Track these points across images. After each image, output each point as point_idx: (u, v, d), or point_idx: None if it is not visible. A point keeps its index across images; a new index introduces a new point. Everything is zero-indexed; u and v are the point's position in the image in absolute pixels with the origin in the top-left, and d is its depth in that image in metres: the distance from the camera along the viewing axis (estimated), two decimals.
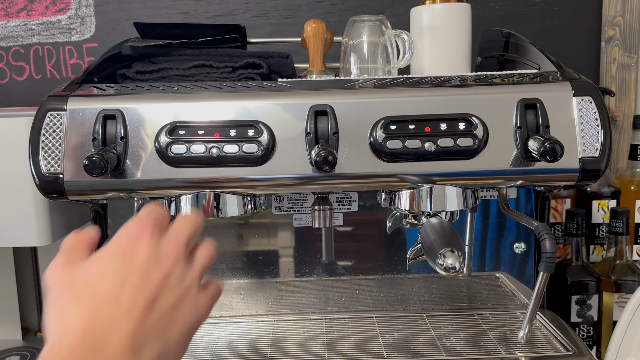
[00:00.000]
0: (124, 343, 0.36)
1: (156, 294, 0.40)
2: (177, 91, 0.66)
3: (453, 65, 0.82)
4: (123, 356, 0.36)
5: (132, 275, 0.40)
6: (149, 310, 0.39)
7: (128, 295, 0.39)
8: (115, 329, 0.37)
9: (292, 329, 0.78)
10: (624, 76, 1.07)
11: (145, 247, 0.41)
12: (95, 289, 0.39)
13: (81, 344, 0.36)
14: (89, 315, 0.37)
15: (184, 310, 0.41)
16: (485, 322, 0.78)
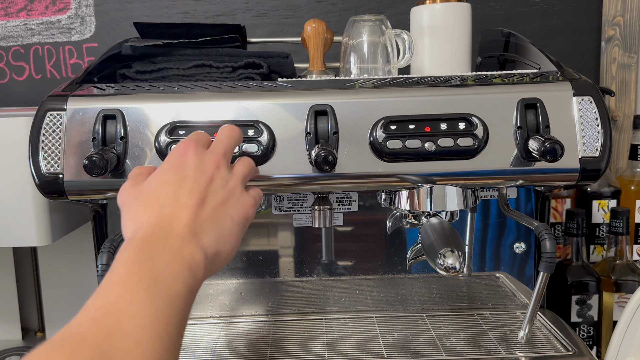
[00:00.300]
0: (185, 229, 0.45)
1: (205, 193, 0.48)
2: (177, 91, 0.66)
3: (453, 65, 0.82)
4: (185, 238, 0.44)
5: (184, 180, 0.48)
6: (202, 205, 0.47)
7: (183, 195, 0.47)
8: (177, 219, 0.45)
9: (292, 329, 0.78)
10: (624, 76, 1.07)
11: (191, 159, 0.50)
12: (157, 195, 0.48)
13: (152, 231, 0.44)
14: (155, 213, 0.46)
15: (231, 206, 0.49)
16: (486, 322, 0.78)
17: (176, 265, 0.42)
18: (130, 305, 0.38)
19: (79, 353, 0.34)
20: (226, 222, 0.48)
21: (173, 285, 0.41)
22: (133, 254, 0.42)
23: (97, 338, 0.35)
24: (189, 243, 0.44)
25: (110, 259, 0.64)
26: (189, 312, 0.42)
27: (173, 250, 0.43)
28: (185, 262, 0.43)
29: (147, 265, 0.41)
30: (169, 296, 0.40)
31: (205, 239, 0.46)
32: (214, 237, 0.47)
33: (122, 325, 0.36)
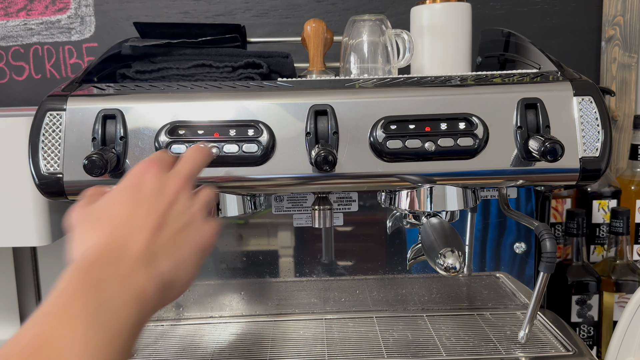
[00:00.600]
0: (139, 254, 0.41)
1: (164, 217, 0.45)
2: (177, 91, 0.66)
3: (453, 65, 0.82)
4: (138, 264, 0.41)
5: (142, 202, 0.45)
6: (160, 229, 0.44)
7: (140, 217, 0.44)
8: (131, 242, 0.42)
9: (292, 329, 0.78)
10: (625, 76, 1.07)
11: (151, 180, 0.47)
12: (110, 215, 0.44)
13: (100, 255, 0.40)
14: (107, 234, 0.42)
15: (191, 234, 0.46)
16: (486, 322, 0.78)
17: (124, 295, 0.38)
18: (66, 340, 0.34)
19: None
20: (183, 251, 0.45)
21: (118, 319, 0.37)
22: (76, 279, 0.38)
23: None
24: (142, 270, 0.40)
25: None
26: (133, 347, 0.39)
27: (123, 277, 0.39)
28: (135, 292, 0.39)
29: (91, 293, 0.37)
30: (112, 331, 0.36)
31: (161, 266, 0.42)
32: (171, 265, 0.43)
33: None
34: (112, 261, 0.40)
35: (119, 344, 0.36)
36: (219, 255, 0.82)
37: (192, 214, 0.47)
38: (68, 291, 0.37)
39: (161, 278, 0.42)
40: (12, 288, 0.99)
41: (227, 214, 0.65)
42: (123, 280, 0.39)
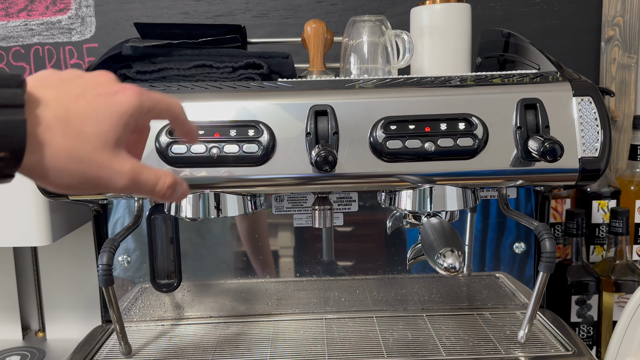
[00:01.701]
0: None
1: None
2: (177, 91, 0.66)
3: (453, 65, 0.83)
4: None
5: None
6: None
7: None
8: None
9: (292, 329, 0.78)
10: (624, 76, 1.07)
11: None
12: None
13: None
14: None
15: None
16: (485, 322, 0.78)
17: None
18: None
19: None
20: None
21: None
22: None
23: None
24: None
25: (110, 259, 0.65)
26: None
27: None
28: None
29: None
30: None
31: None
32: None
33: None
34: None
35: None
36: (219, 255, 0.82)
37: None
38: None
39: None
40: (12, 288, 0.99)
41: (227, 213, 0.66)
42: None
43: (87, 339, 0.76)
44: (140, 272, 0.81)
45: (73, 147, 0.39)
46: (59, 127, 0.38)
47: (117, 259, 0.80)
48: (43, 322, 1.03)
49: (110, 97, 0.41)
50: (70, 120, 0.39)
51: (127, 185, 0.41)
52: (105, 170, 0.40)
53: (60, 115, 0.38)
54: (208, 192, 0.65)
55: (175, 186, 0.44)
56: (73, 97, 0.40)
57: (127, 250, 0.81)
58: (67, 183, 0.39)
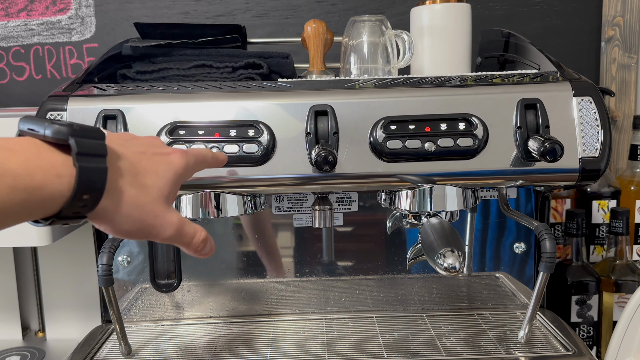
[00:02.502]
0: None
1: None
2: (177, 91, 0.66)
3: (453, 65, 0.82)
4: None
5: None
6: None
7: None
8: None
9: (292, 329, 0.78)
10: (624, 76, 1.07)
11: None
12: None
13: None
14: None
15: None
16: (485, 322, 0.78)
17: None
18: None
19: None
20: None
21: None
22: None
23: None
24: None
25: (110, 259, 0.65)
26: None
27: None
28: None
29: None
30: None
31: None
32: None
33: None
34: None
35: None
36: (219, 255, 0.82)
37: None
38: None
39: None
40: (12, 288, 0.99)
41: (227, 214, 0.66)
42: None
43: (87, 339, 0.76)
44: (140, 272, 0.81)
45: (137, 197, 0.44)
46: (129, 178, 0.44)
47: (117, 259, 0.80)
48: (43, 322, 1.02)
49: (165, 157, 0.47)
50: (136, 173, 0.44)
51: (172, 235, 0.47)
52: (159, 219, 0.45)
53: (129, 168, 0.44)
54: (208, 192, 0.65)
55: (207, 241, 0.50)
56: (137, 153, 0.46)
57: (127, 250, 0.81)
58: (127, 229, 0.44)
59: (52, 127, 0.40)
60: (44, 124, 0.40)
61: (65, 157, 0.39)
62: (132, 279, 0.81)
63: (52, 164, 0.38)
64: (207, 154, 0.54)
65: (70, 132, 0.39)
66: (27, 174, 0.37)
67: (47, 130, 0.40)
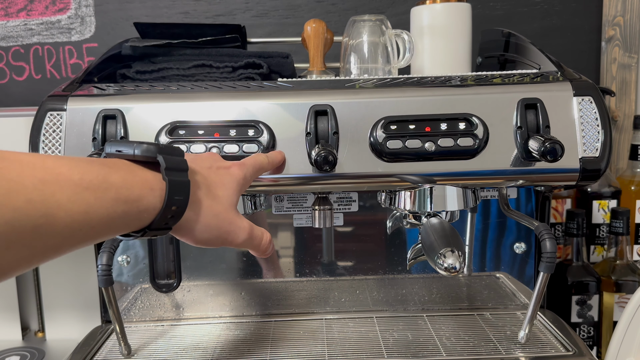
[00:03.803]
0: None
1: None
2: (177, 91, 0.66)
3: (453, 65, 0.82)
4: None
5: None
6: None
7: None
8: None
9: (292, 329, 0.78)
10: (625, 76, 1.07)
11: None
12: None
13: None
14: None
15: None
16: (486, 322, 0.78)
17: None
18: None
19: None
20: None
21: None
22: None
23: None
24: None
25: (110, 258, 0.64)
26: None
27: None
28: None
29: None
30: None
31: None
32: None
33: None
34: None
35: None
36: (219, 256, 0.82)
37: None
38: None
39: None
40: (12, 288, 0.99)
41: None
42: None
43: (86, 339, 0.76)
44: (139, 273, 0.81)
45: (213, 206, 0.48)
46: (204, 190, 0.48)
47: (116, 258, 0.80)
48: (42, 322, 1.02)
49: (228, 170, 0.52)
50: (209, 185, 0.49)
51: (245, 239, 0.51)
52: (233, 225, 0.50)
53: (203, 181, 0.48)
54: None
55: (271, 242, 0.55)
56: (205, 168, 0.50)
57: (126, 250, 0.80)
58: (206, 237, 0.48)
59: (141, 146, 0.44)
60: (132, 145, 0.44)
61: (155, 173, 0.43)
62: (132, 279, 0.81)
63: (145, 179, 0.42)
64: (263, 161, 0.58)
65: (158, 150, 0.44)
66: (127, 187, 0.40)
67: (136, 150, 0.44)
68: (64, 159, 0.39)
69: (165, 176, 0.43)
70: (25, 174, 0.35)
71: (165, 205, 0.43)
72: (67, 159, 0.39)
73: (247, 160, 0.56)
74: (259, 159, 0.57)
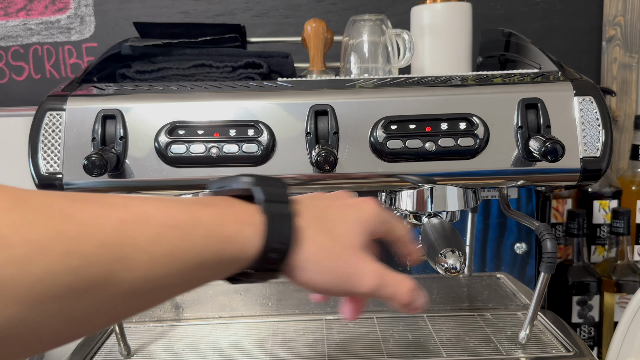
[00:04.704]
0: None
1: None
2: (176, 91, 0.66)
3: (454, 65, 0.82)
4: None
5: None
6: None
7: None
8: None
9: (292, 330, 0.78)
10: (625, 76, 1.07)
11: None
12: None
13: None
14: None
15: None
16: (486, 323, 0.78)
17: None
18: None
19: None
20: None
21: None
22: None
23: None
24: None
25: None
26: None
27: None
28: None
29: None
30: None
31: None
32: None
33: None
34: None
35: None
36: None
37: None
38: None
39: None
40: None
41: None
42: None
43: (86, 340, 0.76)
44: None
45: (328, 244, 0.41)
46: (316, 226, 0.41)
47: None
48: None
49: (355, 206, 0.45)
50: (324, 221, 0.42)
51: (374, 286, 0.43)
52: (356, 267, 0.42)
53: (316, 216, 0.42)
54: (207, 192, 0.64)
55: (415, 291, 0.45)
56: (323, 206, 0.44)
57: None
58: (325, 280, 0.42)
59: (238, 179, 0.41)
60: (229, 179, 0.41)
61: (253, 206, 0.39)
62: None
63: (242, 212, 0.38)
64: (401, 224, 0.50)
65: (254, 181, 0.40)
66: (219, 223, 0.37)
67: (233, 183, 0.41)
68: (150, 199, 0.36)
69: (264, 209, 0.39)
70: (103, 214, 0.32)
71: (267, 242, 0.38)
72: (155, 198, 0.36)
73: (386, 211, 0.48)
74: (398, 222, 0.50)
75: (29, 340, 0.29)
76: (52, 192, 0.33)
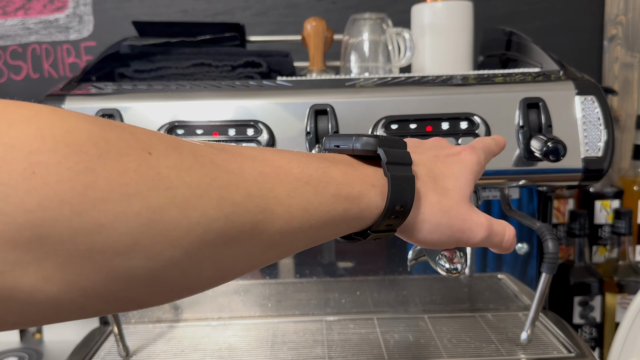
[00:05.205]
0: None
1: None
2: (175, 90, 0.65)
3: (455, 64, 0.82)
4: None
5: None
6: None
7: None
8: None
9: (292, 331, 0.77)
10: (627, 75, 1.07)
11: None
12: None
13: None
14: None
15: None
16: (487, 324, 0.77)
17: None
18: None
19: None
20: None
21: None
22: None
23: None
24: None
25: None
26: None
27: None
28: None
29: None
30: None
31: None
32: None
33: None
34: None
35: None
36: None
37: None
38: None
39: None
40: None
41: None
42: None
43: (84, 341, 0.76)
44: None
45: (441, 201, 0.41)
46: (430, 184, 0.41)
47: None
48: None
49: (458, 157, 0.45)
50: (435, 179, 0.42)
51: (484, 237, 0.44)
52: (467, 222, 0.43)
53: (427, 174, 0.42)
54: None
55: (515, 238, 0.46)
56: (430, 158, 0.44)
57: None
58: (437, 237, 0.42)
59: (360, 139, 0.40)
60: (351, 139, 0.40)
61: (376, 168, 0.39)
62: None
63: (366, 174, 0.38)
64: (491, 144, 0.50)
65: (378, 142, 0.39)
66: (347, 182, 0.37)
67: (355, 143, 0.40)
68: (283, 152, 0.36)
69: (387, 171, 0.38)
70: (245, 166, 0.32)
71: (389, 203, 0.38)
72: (286, 152, 0.36)
73: (476, 143, 0.48)
74: (486, 141, 0.49)
75: (178, 283, 0.30)
76: (195, 141, 0.34)
